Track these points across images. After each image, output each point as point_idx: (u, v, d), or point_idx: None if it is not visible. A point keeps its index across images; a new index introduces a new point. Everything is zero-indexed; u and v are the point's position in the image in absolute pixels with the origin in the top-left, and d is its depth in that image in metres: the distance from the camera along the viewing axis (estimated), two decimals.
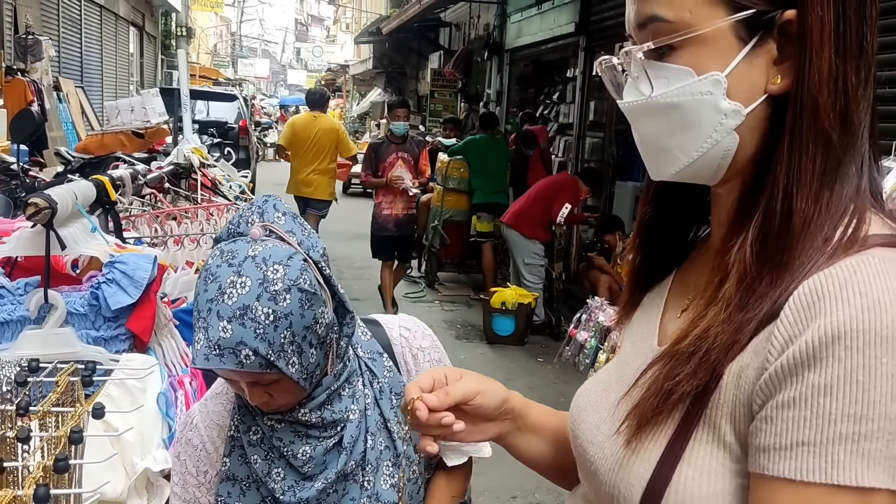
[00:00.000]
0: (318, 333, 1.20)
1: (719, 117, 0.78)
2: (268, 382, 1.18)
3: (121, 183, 2.21)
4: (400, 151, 6.87)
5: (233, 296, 1.13)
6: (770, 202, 0.76)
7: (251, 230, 1.19)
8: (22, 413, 1.12)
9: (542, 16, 9.86)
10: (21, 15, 8.96)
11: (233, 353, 1.12)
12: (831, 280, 0.69)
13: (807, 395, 0.67)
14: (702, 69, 0.77)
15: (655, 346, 0.89)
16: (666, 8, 0.78)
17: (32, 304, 1.58)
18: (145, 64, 18.64)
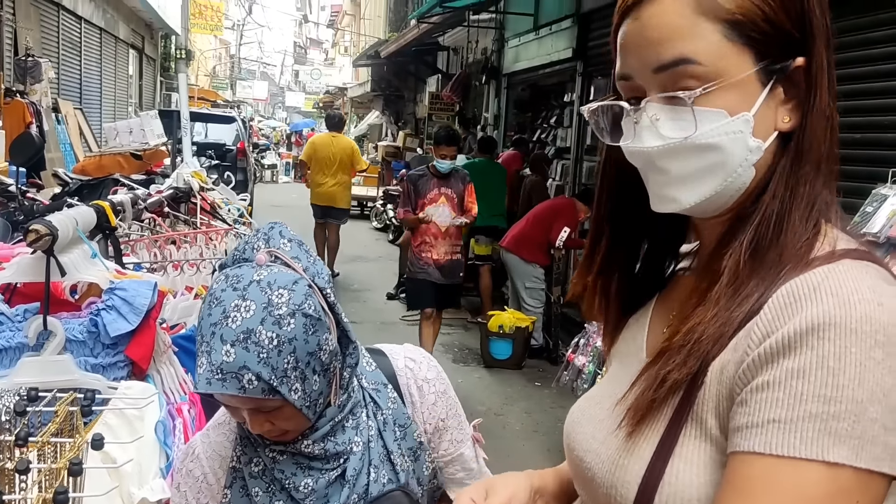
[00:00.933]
0: (321, 360, 1.19)
1: (746, 154, 0.84)
2: (270, 410, 1.17)
3: (121, 208, 2.21)
4: (443, 187, 6.07)
5: (237, 319, 1.13)
6: (763, 223, 0.84)
7: (257, 256, 1.19)
8: (21, 444, 1.11)
9: (539, 41, 9.94)
10: (21, 37, 9.00)
11: (235, 378, 1.11)
12: (806, 283, 0.76)
13: (780, 378, 0.73)
14: (734, 110, 0.83)
15: (644, 359, 0.95)
16: (698, 53, 0.82)
17: (31, 330, 1.57)
18: (144, 86, 18.72)
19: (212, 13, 28.45)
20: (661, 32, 0.83)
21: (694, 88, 0.82)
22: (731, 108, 0.83)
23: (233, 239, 2.79)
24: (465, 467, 1.45)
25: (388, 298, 9.05)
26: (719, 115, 0.83)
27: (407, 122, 20.65)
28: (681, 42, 0.82)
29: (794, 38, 0.84)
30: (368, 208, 16.10)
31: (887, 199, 3.25)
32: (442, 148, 6.04)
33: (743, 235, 0.84)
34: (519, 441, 5.01)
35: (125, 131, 7.65)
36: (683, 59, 0.82)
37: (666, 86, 0.84)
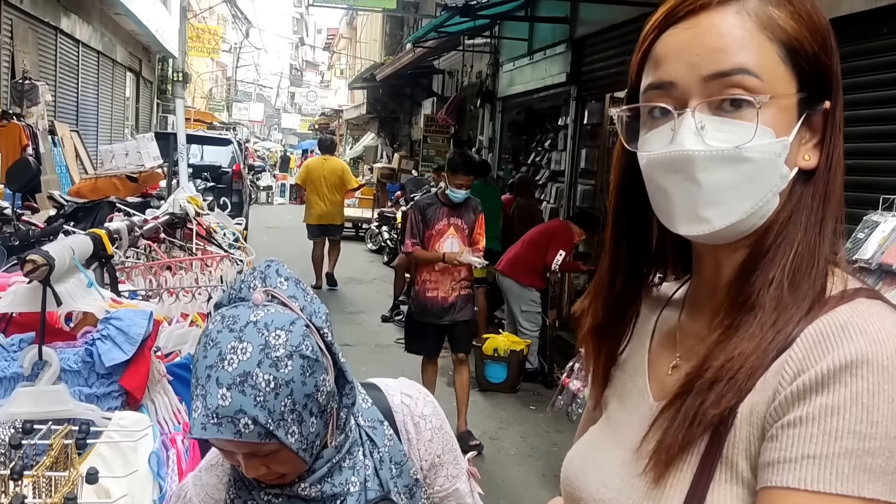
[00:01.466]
0: (319, 402, 1.17)
1: (777, 179, 0.85)
2: (266, 453, 1.15)
3: (118, 236, 2.22)
4: (453, 217, 5.50)
5: (233, 362, 1.11)
6: (797, 258, 0.84)
7: (253, 295, 1.17)
8: (16, 478, 1.11)
9: (533, 65, 10.03)
10: (18, 60, 9.04)
11: (231, 422, 1.09)
12: (834, 322, 0.78)
13: (814, 414, 0.74)
14: (778, 133, 0.84)
15: (652, 401, 0.94)
16: (757, 66, 0.83)
17: (27, 361, 1.57)
18: (141, 108, 18.78)
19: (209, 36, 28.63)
20: (723, 41, 0.83)
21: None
22: (777, 130, 0.84)
23: (228, 265, 2.80)
24: (460, 503, 1.44)
25: (382, 321, 9.04)
26: (768, 133, 0.83)
27: (402, 144, 20.75)
28: (741, 52, 0.82)
29: (827, 79, 0.87)
30: (363, 230, 16.11)
31: (878, 226, 3.28)
32: (459, 177, 5.42)
33: (777, 268, 0.84)
34: (514, 466, 4.99)
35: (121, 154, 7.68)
36: (743, 69, 0.82)
37: (714, 95, 0.83)
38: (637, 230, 0.99)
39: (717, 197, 0.84)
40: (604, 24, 7.78)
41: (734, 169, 0.83)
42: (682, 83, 0.85)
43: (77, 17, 11.98)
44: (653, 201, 0.91)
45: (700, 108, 0.84)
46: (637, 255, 1.01)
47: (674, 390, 0.87)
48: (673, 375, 0.94)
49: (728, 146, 0.82)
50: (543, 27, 9.59)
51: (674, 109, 0.85)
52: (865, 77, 4.11)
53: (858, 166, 4.00)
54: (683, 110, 0.85)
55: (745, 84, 0.82)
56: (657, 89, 0.88)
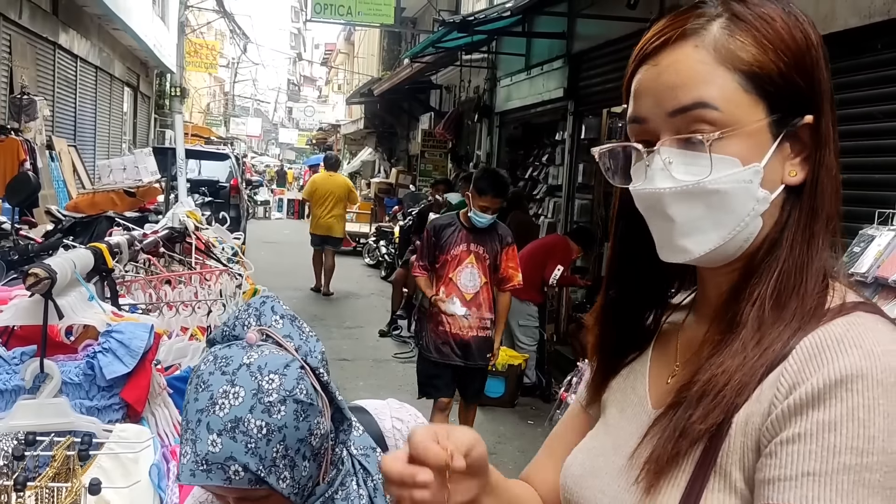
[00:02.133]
0: (312, 445, 1.15)
1: (753, 203, 0.85)
2: (256, 498, 1.13)
3: (118, 250, 2.23)
4: (474, 243, 4.80)
5: (225, 407, 1.08)
6: (784, 274, 0.85)
7: (247, 334, 1.15)
8: (19, 489, 1.12)
9: (531, 80, 10.08)
10: (17, 75, 9.08)
11: (221, 469, 1.07)
12: (829, 335, 0.78)
13: (812, 431, 0.74)
14: (746, 160, 0.85)
15: (651, 409, 0.95)
16: (720, 100, 0.84)
17: (28, 373, 1.58)
18: (139, 123, 18.83)
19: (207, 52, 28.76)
20: (681, 77, 0.85)
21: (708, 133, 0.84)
22: (743, 158, 0.84)
23: (227, 279, 2.81)
24: None
25: (380, 335, 9.03)
26: (733, 162, 0.84)
27: (400, 159, 20.80)
28: (700, 86, 0.84)
29: (805, 95, 0.87)
30: (361, 245, 16.12)
31: (874, 240, 3.30)
32: (485, 199, 4.70)
33: (762, 287, 0.85)
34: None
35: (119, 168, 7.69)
36: (701, 103, 0.84)
37: (680, 130, 0.85)
38: (637, 257, 1.00)
39: (692, 228, 0.86)
40: (600, 40, 7.83)
41: (703, 201, 0.85)
42: (651, 119, 0.88)
43: (75, 33, 12.03)
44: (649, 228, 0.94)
45: (670, 143, 0.86)
46: (637, 282, 1.02)
47: (668, 401, 0.89)
48: (672, 385, 0.95)
49: (692, 181, 0.85)
50: (540, 43, 9.65)
51: (642, 149, 0.89)
52: (860, 92, 4.15)
53: (854, 181, 4.03)
54: (652, 149, 0.87)
55: (705, 117, 0.84)
56: (634, 123, 0.91)
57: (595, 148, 0.96)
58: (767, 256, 0.87)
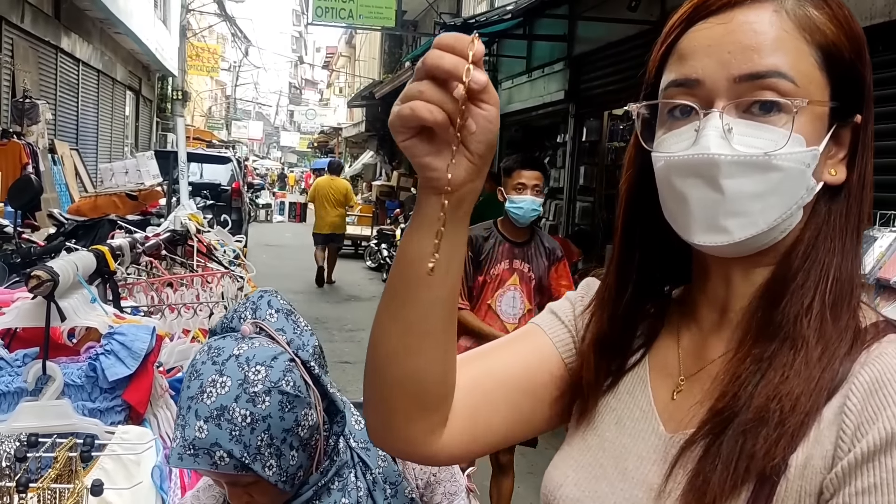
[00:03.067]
0: (299, 436, 1.18)
1: (803, 192, 0.79)
2: (245, 484, 1.17)
3: (120, 252, 2.24)
4: (517, 259, 3.78)
5: (212, 395, 1.14)
6: (836, 283, 0.78)
7: (242, 327, 1.19)
8: (21, 490, 1.12)
9: (532, 83, 10.09)
10: (19, 79, 9.10)
11: (207, 454, 1.12)
12: (886, 368, 0.72)
13: (888, 481, 0.69)
14: (809, 141, 0.78)
15: (663, 432, 0.85)
16: (792, 70, 0.77)
17: (30, 376, 1.58)
18: (140, 126, 18.86)
19: (209, 55, 28.80)
20: (759, 40, 0.77)
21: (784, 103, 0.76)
22: (808, 138, 0.77)
23: (229, 281, 2.81)
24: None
25: None
26: (799, 141, 0.77)
27: (401, 162, 20.79)
28: (778, 54, 0.76)
29: (860, 91, 0.81)
30: (362, 248, 16.12)
31: (876, 241, 3.29)
32: (521, 173, 3.64)
33: (810, 296, 0.78)
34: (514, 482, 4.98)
35: (121, 172, 7.72)
36: (778, 72, 0.76)
37: (743, 97, 0.77)
38: (650, 237, 0.90)
39: (740, 206, 0.77)
40: (601, 42, 7.85)
41: (761, 177, 0.77)
42: (709, 82, 0.78)
43: (77, 37, 12.06)
44: (666, 207, 0.83)
45: (727, 109, 0.77)
46: (649, 265, 0.92)
47: (696, 424, 0.79)
48: (680, 402, 0.86)
49: (757, 152, 0.76)
50: (541, 45, 9.67)
51: (699, 108, 0.79)
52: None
53: None
54: (710, 110, 0.78)
55: (778, 88, 0.76)
56: (680, 87, 0.81)
57: (633, 104, 0.86)
58: (808, 261, 0.79)
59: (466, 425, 0.89)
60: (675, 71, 0.82)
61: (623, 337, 0.93)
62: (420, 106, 0.71)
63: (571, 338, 0.97)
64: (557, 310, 1.00)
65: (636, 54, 6.59)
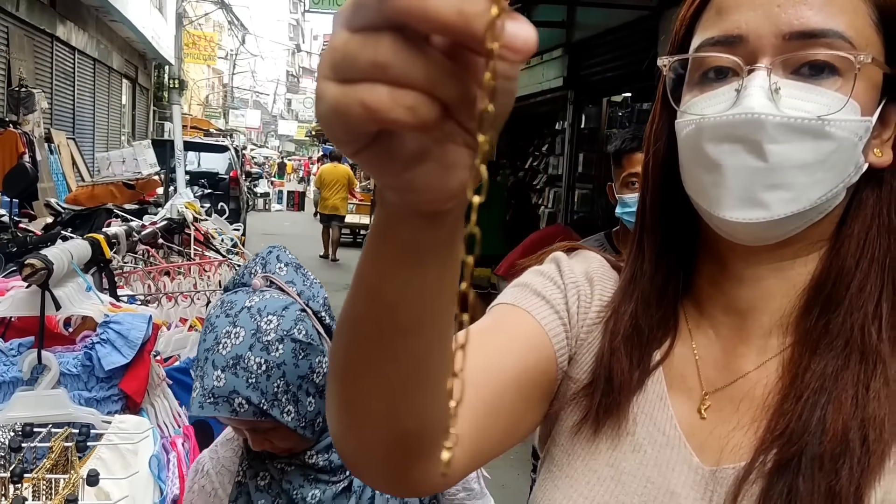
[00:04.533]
0: (315, 383, 1.22)
1: (851, 168, 0.69)
2: (266, 430, 1.22)
3: (116, 241, 2.22)
4: None
5: (227, 346, 1.19)
6: (890, 281, 0.69)
7: (252, 281, 1.24)
8: (16, 480, 1.11)
9: (530, 70, 10.04)
10: (15, 68, 9.04)
11: (226, 402, 1.17)
12: None
13: None
14: (864, 110, 0.68)
15: (699, 465, 0.72)
16: (849, 31, 0.67)
17: (26, 365, 1.57)
18: (137, 115, 18.78)
19: (205, 43, 28.65)
20: None
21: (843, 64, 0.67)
22: (863, 106, 0.68)
23: (227, 270, 2.79)
24: (466, 487, 1.46)
25: None
26: (855, 108, 0.67)
27: None
28: (836, 12, 0.67)
29: None
30: (361, 236, 16.10)
31: None
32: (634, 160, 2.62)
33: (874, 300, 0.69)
34: (514, 471, 4.96)
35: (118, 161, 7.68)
36: (835, 33, 0.67)
37: (791, 57, 0.68)
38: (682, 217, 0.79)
39: (784, 178, 0.67)
40: (600, 29, 7.80)
41: (811, 146, 0.67)
42: (753, 38, 0.69)
43: (73, 25, 11.98)
44: (692, 179, 0.73)
45: (775, 67, 0.68)
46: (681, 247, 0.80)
47: (746, 455, 0.68)
48: (713, 425, 0.73)
49: (809, 115, 0.66)
50: (540, 31, 9.28)
51: (743, 65, 0.69)
52: None
53: None
54: (754, 67, 0.68)
55: (833, 47, 0.67)
56: (719, 45, 0.71)
57: (664, 58, 0.76)
58: (862, 256, 0.70)
59: (470, 446, 0.73)
60: (714, 26, 0.71)
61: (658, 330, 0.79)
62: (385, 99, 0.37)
63: (564, 331, 0.81)
64: (545, 293, 0.83)
65: (636, 40, 6.56)
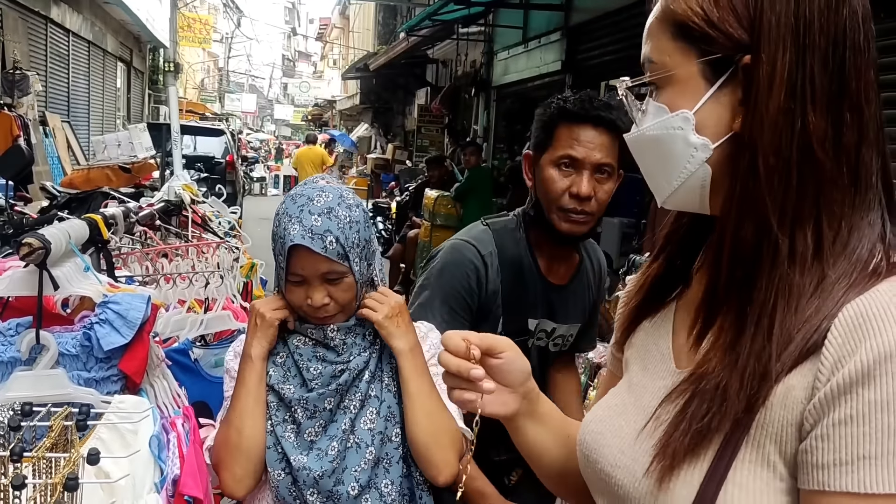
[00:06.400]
0: (371, 250, 1.54)
1: (690, 150, 0.86)
2: (335, 278, 1.48)
3: (113, 221, 2.20)
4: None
5: (319, 200, 1.48)
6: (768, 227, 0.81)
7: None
8: (16, 459, 1.10)
9: (528, 54, 10.00)
10: (9, 50, 8.98)
11: (320, 238, 1.44)
12: (873, 304, 0.73)
13: (864, 412, 0.70)
14: (674, 106, 0.87)
15: (674, 368, 0.92)
16: (654, 52, 0.90)
17: (24, 345, 1.56)
18: (132, 99, 18.68)
19: (200, 26, 28.46)
20: (646, 32, 0.92)
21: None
22: (672, 104, 0.87)
23: (224, 252, 2.78)
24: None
25: None
26: (661, 110, 0.88)
27: (396, 135, 20.68)
28: (648, 42, 0.91)
29: (741, 37, 0.82)
30: None
31: None
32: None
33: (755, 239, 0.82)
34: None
35: (113, 144, 7.63)
36: (646, 58, 0.91)
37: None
38: None
39: (649, 175, 0.92)
40: (599, 12, 7.75)
41: (648, 149, 0.91)
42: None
43: (67, 7, 11.89)
44: None
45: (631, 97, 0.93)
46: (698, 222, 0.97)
47: (688, 370, 0.85)
48: (692, 342, 0.91)
49: (635, 132, 0.92)
50: (538, 15, 9.55)
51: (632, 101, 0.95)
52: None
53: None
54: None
55: (650, 71, 0.89)
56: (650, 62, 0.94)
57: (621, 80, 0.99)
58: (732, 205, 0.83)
59: None
60: None
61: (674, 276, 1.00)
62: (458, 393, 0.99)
63: None
64: None
65: (634, 24, 6.51)
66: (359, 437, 1.53)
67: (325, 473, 1.50)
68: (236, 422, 1.57)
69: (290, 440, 1.54)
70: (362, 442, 1.52)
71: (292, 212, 1.47)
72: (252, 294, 3.06)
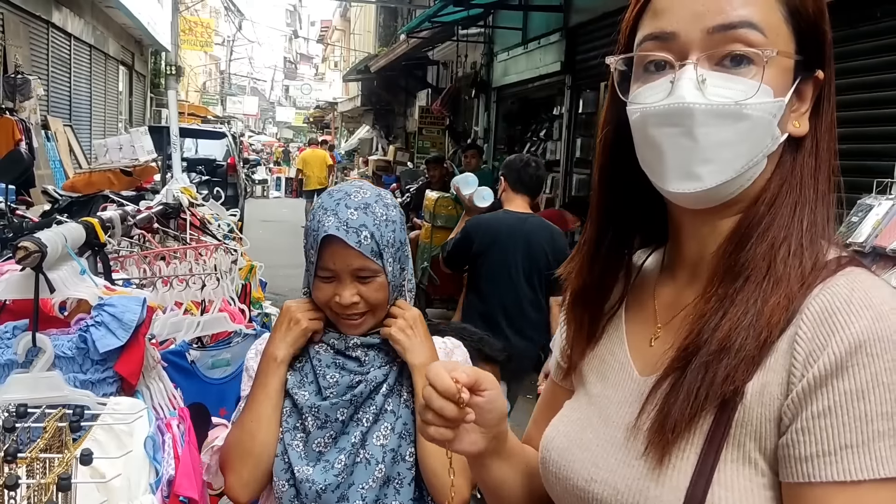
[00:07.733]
0: (405, 254, 1.52)
1: (769, 141, 0.83)
2: (366, 276, 1.44)
3: (110, 224, 2.21)
4: None
5: (357, 195, 1.47)
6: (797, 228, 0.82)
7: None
8: (10, 460, 1.12)
9: (528, 55, 10.01)
10: (11, 54, 9.00)
11: (355, 232, 1.42)
12: (836, 297, 0.76)
13: (841, 402, 0.72)
14: (777, 92, 0.82)
15: (637, 376, 0.91)
16: (762, 22, 0.81)
17: (20, 347, 1.57)
18: (134, 102, 18.70)
19: (202, 29, 28.47)
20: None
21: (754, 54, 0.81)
22: (776, 89, 0.82)
23: (222, 254, 2.79)
24: None
25: None
26: (768, 91, 0.82)
27: (397, 137, 20.70)
28: (748, 6, 0.81)
29: (822, 48, 0.86)
30: None
31: (872, 209, 3.28)
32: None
33: (773, 238, 0.82)
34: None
35: (115, 148, 7.64)
36: (749, 23, 0.81)
37: (717, 48, 0.82)
38: (625, 190, 0.95)
39: (712, 154, 0.81)
40: (598, 13, 7.77)
41: (732, 126, 0.81)
42: (683, 34, 0.83)
43: (69, 11, 11.92)
44: (642, 158, 0.88)
45: (701, 61, 0.82)
46: (624, 216, 0.97)
47: (665, 363, 0.84)
48: (656, 348, 0.90)
49: (729, 101, 0.80)
50: (537, 16, 9.57)
51: (675, 61, 0.83)
52: (858, 61, 4.11)
53: (852, 150, 4.01)
54: (684, 62, 0.82)
55: (748, 38, 0.81)
56: (656, 40, 0.86)
57: (611, 57, 0.93)
58: (773, 207, 0.83)
59: None
60: (651, 25, 0.87)
61: (602, 286, 0.99)
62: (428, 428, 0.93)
63: None
64: None
65: None
66: (369, 452, 1.47)
67: (330, 487, 1.45)
68: (251, 426, 1.52)
69: (298, 449, 1.50)
70: (372, 458, 1.47)
71: (328, 205, 1.45)
72: (250, 296, 3.07)
